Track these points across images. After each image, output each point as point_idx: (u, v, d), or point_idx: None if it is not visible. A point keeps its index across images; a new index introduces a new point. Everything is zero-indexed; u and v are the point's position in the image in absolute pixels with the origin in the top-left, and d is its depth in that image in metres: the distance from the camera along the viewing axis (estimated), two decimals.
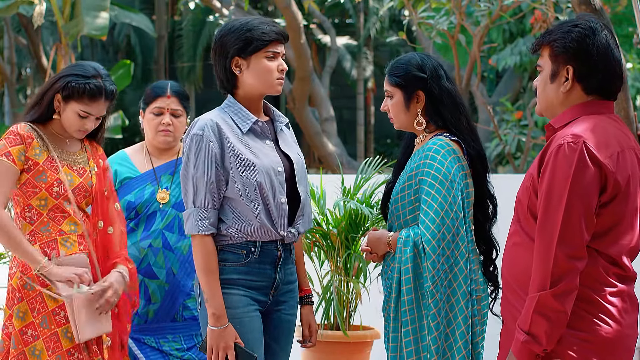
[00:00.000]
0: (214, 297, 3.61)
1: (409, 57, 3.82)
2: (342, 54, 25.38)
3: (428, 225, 3.61)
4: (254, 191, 3.64)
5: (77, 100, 3.98)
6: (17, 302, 3.94)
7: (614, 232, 3.10)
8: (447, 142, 3.70)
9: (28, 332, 3.92)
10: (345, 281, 5.63)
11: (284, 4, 14.16)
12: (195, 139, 3.65)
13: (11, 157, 3.93)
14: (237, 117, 3.72)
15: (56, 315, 3.92)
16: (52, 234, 3.97)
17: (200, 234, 3.62)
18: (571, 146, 3.03)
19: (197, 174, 3.63)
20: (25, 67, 26.73)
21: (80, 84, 3.97)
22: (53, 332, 3.91)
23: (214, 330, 3.60)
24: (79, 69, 4.02)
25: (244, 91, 3.75)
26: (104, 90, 4.00)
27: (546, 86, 3.23)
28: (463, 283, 3.62)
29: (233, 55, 3.71)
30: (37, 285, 3.91)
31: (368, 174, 5.81)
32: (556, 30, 3.20)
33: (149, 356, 4.48)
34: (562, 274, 3.02)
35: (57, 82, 4.00)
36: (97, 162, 4.14)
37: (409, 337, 3.65)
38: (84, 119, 4.00)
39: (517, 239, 3.21)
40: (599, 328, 3.06)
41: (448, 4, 10.07)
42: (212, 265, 3.62)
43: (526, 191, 3.17)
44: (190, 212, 3.65)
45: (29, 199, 3.97)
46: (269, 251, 3.70)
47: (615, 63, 3.17)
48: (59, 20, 14.21)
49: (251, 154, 3.67)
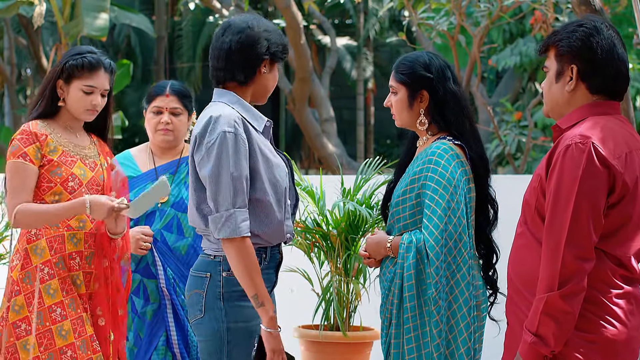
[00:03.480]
0: (268, 300, 3.46)
1: (417, 55, 3.79)
2: (342, 54, 25.39)
3: (432, 231, 3.59)
4: (282, 193, 3.54)
5: (79, 77, 3.99)
6: (14, 295, 3.93)
7: (621, 234, 3.09)
8: (451, 147, 3.67)
9: (22, 325, 3.91)
10: (345, 282, 5.62)
11: (284, 4, 14.17)
12: (229, 136, 3.44)
13: (28, 157, 3.92)
14: (248, 115, 3.58)
15: (52, 313, 3.91)
16: (60, 229, 3.96)
17: (243, 235, 3.44)
18: (579, 147, 3.02)
19: (235, 173, 3.43)
20: (25, 68, 26.74)
21: (77, 59, 4.00)
22: (47, 329, 3.91)
23: (272, 333, 3.44)
24: (73, 50, 4.05)
25: (253, 91, 3.62)
26: (101, 61, 4.02)
27: (552, 86, 3.23)
28: (465, 290, 3.60)
29: (267, 55, 3.57)
30: (37, 280, 3.90)
31: (368, 175, 5.81)
32: (562, 30, 3.21)
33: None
34: (570, 275, 3.01)
35: (54, 70, 4.02)
36: (105, 158, 4.15)
37: (411, 344, 3.63)
38: (89, 95, 4.00)
39: (524, 240, 3.20)
40: (605, 330, 3.05)
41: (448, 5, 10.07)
42: (258, 267, 3.45)
43: (534, 192, 3.16)
44: (229, 213, 3.42)
45: (42, 194, 3.96)
46: (274, 255, 3.62)
47: (621, 63, 3.16)
48: (58, 21, 14.21)
49: (271, 154, 3.57)
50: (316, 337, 5.61)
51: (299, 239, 5.68)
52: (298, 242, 5.69)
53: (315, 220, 5.69)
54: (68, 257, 3.96)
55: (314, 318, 5.76)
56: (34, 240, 3.96)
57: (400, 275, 3.64)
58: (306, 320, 5.87)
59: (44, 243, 3.95)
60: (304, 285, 5.89)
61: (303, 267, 5.88)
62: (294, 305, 3.90)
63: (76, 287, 3.97)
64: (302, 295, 6.01)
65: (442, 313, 3.58)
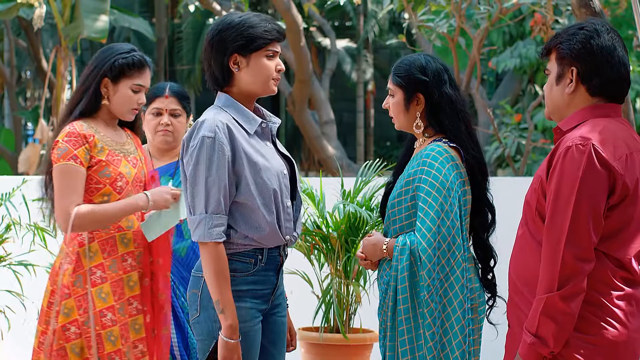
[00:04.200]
0: (231, 308, 3.44)
1: (414, 58, 3.79)
2: (342, 56, 25.38)
3: (424, 234, 3.59)
4: (269, 196, 3.51)
5: (128, 76, 3.97)
6: (64, 298, 3.88)
7: (622, 235, 3.09)
8: (446, 149, 3.67)
9: (71, 328, 3.87)
10: (345, 284, 5.63)
11: (284, 6, 14.17)
12: (207, 141, 3.46)
13: (78, 159, 3.87)
14: (240, 118, 3.57)
15: (103, 317, 3.87)
16: (111, 231, 3.92)
17: (214, 241, 3.45)
18: (579, 148, 3.04)
19: (210, 177, 3.44)
20: (25, 70, 26.76)
21: (126, 58, 3.98)
22: (97, 333, 3.86)
23: (229, 343, 3.43)
24: (117, 49, 4.02)
25: (239, 89, 3.60)
26: (146, 60, 4.03)
27: (552, 88, 3.25)
28: (460, 292, 3.60)
29: (232, 52, 3.55)
30: (88, 283, 3.87)
31: (368, 177, 5.81)
32: (563, 33, 3.22)
33: None
34: (570, 275, 3.01)
35: (98, 69, 3.97)
36: (142, 152, 4.13)
37: (405, 347, 3.63)
38: (137, 93, 3.99)
39: (525, 242, 3.20)
40: (606, 331, 3.06)
41: (448, 7, 10.08)
42: (227, 274, 3.45)
43: (534, 193, 3.17)
44: (201, 218, 3.45)
45: (91, 196, 3.91)
46: (273, 257, 3.61)
47: (621, 65, 3.17)
48: (59, 23, 14.22)
49: (261, 157, 3.54)
50: (316, 339, 5.61)
51: (299, 241, 5.68)
52: (298, 244, 5.70)
53: (316, 223, 5.69)
54: (121, 259, 3.93)
55: (314, 320, 5.76)
56: (85, 244, 3.91)
57: (394, 278, 3.64)
58: (306, 322, 5.87)
59: (97, 246, 3.91)
60: (304, 287, 5.89)
61: (303, 269, 5.89)
62: (294, 308, 3.90)
63: (129, 289, 3.93)
64: (302, 298, 6.00)
65: (435, 316, 3.58)
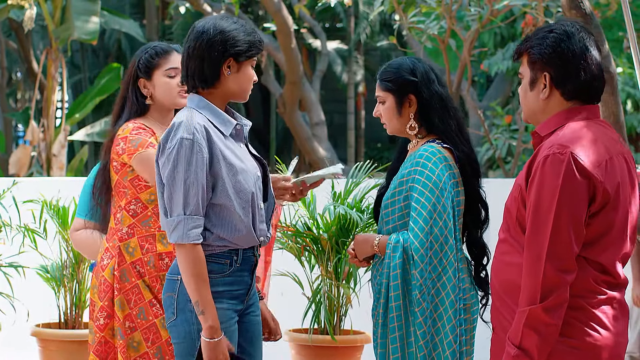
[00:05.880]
0: (210, 309, 3.44)
1: (400, 62, 3.80)
2: (333, 58, 25.37)
3: (417, 233, 3.60)
4: (247, 198, 3.52)
5: (157, 66, 4.01)
6: (117, 293, 3.90)
7: (604, 240, 3.06)
8: (439, 149, 3.68)
9: (126, 323, 3.88)
10: (335, 285, 5.63)
11: (274, 8, 14.17)
12: (186, 142, 3.44)
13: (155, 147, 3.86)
14: (216, 120, 3.55)
15: (153, 307, 3.89)
16: (152, 229, 3.93)
17: (192, 243, 3.44)
18: (558, 157, 2.98)
19: (188, 179, 3.43)
20: (16, 72, 26.70)
21: (147, 51, 4.03)
22: (151, 323, 3.88)
23: (211, 343, 3.43)
24: (141, 49, 4.07)
25: (222, 93, 3.57)
26: (170, 45, 4.06)
27: (527, 94, 3.20)
28: (451, 292, 3.61)
29: (230, 55, 3.52)
30: (133, 277, 3.88)
31: (358, 179, 5.82)
32: (533, 37, 3.17)
33: None
34: (552, 287, 2.98)
35: (129, 73, 4.03)
36: None
37: (395, 344, 3.64)
38: (173, 78, 4.01)
39: (506, 248, 3.17)
40: (589, 336, 3.03)
41: (438, 9, 10.08)
42: (205, 275, 3.45)
43: (514, 202, 3.13)
44: (179, 219, 3.44)
45: (138, 192, 3.93)
46: (248, 258, 3.59)
47: (595, 66, 3.12)
48: (49, 25, 14.19)
49: (237, 159, 3.54)
50: (306, 340, 5.61)
51: (289, 242, 5.68)
52: (289, 245, 5.70)
53: (306, 224, 5.69)
54: (158, 257, 3.93)
55: (303, 321, 5.76)
56: (126, 239, 3.93)
57: (386, 275, 3.65)
58: (296, 323, 5.87)
59: (135, 242, 3.92)
60: (295, 288, 5.89)
61: (293, 271, 5.89)
62: (284, 309, 3.90)
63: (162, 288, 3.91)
64: (292, 299, 6.01)
65: (426, 315, 3.59)
